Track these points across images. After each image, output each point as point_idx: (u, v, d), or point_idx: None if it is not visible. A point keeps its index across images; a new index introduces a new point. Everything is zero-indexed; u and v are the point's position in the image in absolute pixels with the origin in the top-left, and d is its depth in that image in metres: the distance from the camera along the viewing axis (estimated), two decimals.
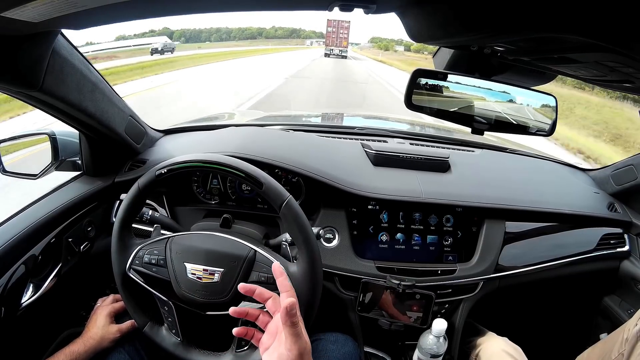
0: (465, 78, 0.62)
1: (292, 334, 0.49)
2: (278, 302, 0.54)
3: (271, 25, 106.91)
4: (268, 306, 0.55)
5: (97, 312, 0.81)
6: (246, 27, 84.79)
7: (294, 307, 0.49)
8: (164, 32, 42.25)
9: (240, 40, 57.33)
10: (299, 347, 0.49)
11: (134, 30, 52.64)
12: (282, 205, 0.65)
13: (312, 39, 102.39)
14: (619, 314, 1.11)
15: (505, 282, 0.98)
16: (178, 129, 1.16)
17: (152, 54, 17.39)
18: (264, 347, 0.53)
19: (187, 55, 19.07)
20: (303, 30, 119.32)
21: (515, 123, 0.66)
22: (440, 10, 0.45)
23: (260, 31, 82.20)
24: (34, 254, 0.75)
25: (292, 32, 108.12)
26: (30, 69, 0.58)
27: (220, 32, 68.02)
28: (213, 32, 66.43)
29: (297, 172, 0.92)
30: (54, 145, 0.87)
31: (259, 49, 36.93)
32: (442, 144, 1.21)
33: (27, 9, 0.41)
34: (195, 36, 59.90)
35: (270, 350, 0.52)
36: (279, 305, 0.54)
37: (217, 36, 65.12)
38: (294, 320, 0.49)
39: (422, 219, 0.97)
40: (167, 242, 0.70)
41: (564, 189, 1.12)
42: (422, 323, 0.91)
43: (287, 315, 0.49)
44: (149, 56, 16.58)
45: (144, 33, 41.74)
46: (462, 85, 0.62)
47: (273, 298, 0.55)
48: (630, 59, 0.37)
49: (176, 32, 53.10)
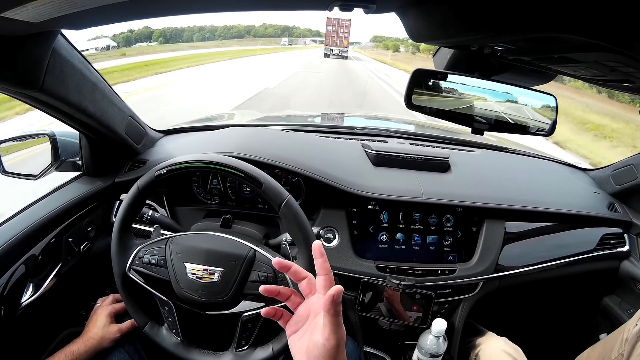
0: (466, 78, 0.62)
1: (333, 323, 0.45)
2: (313, 283, 0.50)
3: (262, 22, 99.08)
4: (302, 287, 0.51)
5: (97, 312, 0.81)
6: (232, 25, 77.54)
7: (340, 294, 0.45)
8: (144, 32, 39.93)
9: (225, 40, 52.19)
10: (337, 337, 0.46)
11: (112, 31, 47.33)
12: (281, 204, 0.65)
13: (307, 37, 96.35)
14: (619, 314, 1.11)
15: (505, 282, 0.98)
16: (178, 129, 1.17)
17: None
18: (292, 330, 0.50)
19: (143, 61, 14.42)
20: (297, 28, 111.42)
21: (515, 123, 0.66)
22: (440, 10, 0.45)
23: (248, 29, 75.68)
24: (34, 254, 0.75)
25: (284, 30, 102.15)
26: (30, 69, 0.58)
27: (204, 30, 62.72)
28: (196, 30, 61.02)
29: (297, 172, 0.92)
30: (54, 146, 0.87)
31: (245, 49, 32.77)
32: (442, 144, 1.21)
33: (27, 9, 0.41)
34: (177, 35, 55.08)
35: (299, 334, 0.49)
36: (313, 286, 0.50)
37: (199, 35, 60.23)
38: (338, 309, 0.45)
39: (422, 219, 0.97)
40: (167, 242, 0.70)
41: (564, 189, 1.12)
42: (421, 323, 0.91)
43: (331, 304, 0.45)
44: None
45: (122, 33, 39.19)
46: (462, 85, 0.62)
47: (308, 279, 0.51)
48: (631, 59, 0.37)
49: (156, 32, 48.11)
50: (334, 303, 0.45)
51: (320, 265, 0.49)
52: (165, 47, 30.03)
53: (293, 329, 0.50)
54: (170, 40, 49.51)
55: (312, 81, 11.23)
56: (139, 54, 20.36)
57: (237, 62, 17.74)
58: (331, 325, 0.45)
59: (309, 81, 11.14)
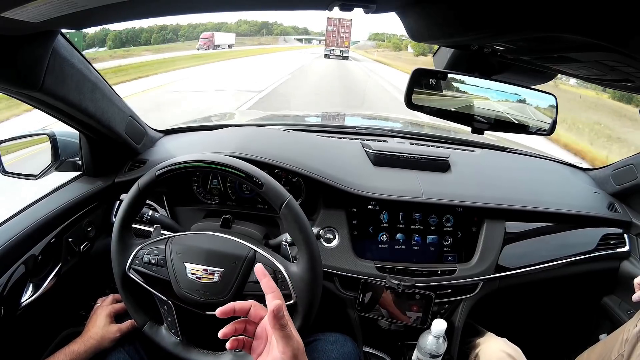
0: (466, 77, 0.62)
1: (282, 337, 0.48)
2: (258, 307, 0.53)
3: (237, 19, 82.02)
4: (250, 316, 0.53)
5: (97, 312, 0.81)
6: (199, 23, 62.46)
7: (280, 309, 0.47)
8: (98, 35, 36.21)
9: (189, 41, 43.14)
10: (291, 348, 0.48)
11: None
12: (282, 205, 0.65)
13: (291, 35, 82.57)
14: (619, 314, 1.10)
15: (505, 283, 0.98)
16: (178, 129, 1.17)
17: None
18: (257, 354, 0.52)
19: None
20: (278, 25, 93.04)
21: (516, 122, 0.66)
22: (440, 10, 0.45)
23: (218, 27, 61.83)
24: (33, 254, 0.75)
25: (262, 27, 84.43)
26: (30, 69, 0.58)
27: (165, 30, 52.88)
28: (156, 30, 50.74)
29: (297, 172, 0.92)
30: (54, 146, 0.87)
31: (212, 53, 25.32)
32: (442, 144, 1.21)
33: (27, 9, 0.41)
34: (135, 37, 45.67)
35: (263, 356, 0.51)
36: (260, 309, 0.53)
37: (158, 36, 50.11)
38: (282, 322, 0.48)
39: (422, 219, 0.97)
40: (167, 242, 0.70)
41: (564, 189, 1.12)
42: (421, 323, 0.91)
43: (274, 319, 0.47)
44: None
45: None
46: (462, 85, 0.62)
47: (253, 306, 0.54)
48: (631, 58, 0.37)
49: (111, 34, 39.97)
50: (276, 318, 0.47)
51: (266, 285, 0.53)
52: (116, 52, 24.31)
53: (257, 352, 0.52)
54: (126, 44, 42.07)
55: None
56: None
57: (199, 71, 13.13)
58: (282, 339, 0.48)
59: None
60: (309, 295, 0.66)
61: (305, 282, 0.65)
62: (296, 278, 0.66)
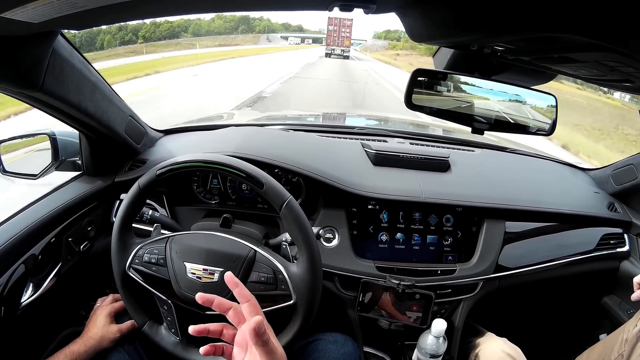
0: (466, 78, 0.62)
1: (265, 352, 0.46)
2: (240, 312, 0.50)
3: (212, 15, 65.85)
4: (230, 318, 0.51)
5: (97, 312, 0.81)
6: (164, 20, 49.97)
7: (261, 326, 0.45)
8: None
9: (150, 43, 37.95)
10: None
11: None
12: (282, 205, 0.65)
13: (277, 33, 69.37)
14: (619, 314, 1.10)
15: (505, 282, 0.98)
16: (178, 129, 1.17)
17: None
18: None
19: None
20: (260, 20, 74.58)
21: (516, 122, 0.66)
22: (440, 10, 0.45)
23: (186, 25, 54.06)
24: (33, 254, 0.75)
25: (240, 23, 66.91)
26: (30, 70, 0.58)
27: (125, 30, 44.27)
28: (113, 32, 42.93)
29: (297, 172, 0.92)
30: (54, 146, 0.87)
31: (180, 55, 20.91)
32: (442, 144, 1.21)
33: (27, 9, 0.41)
34: (90, 41, 37.20)
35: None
36: (240, 315, 0.51)
37: (114, 38, 42.70)
38: (264, 339, 0.45)
39: (422, 218, 0.97)
40: (167, 241, 0.70)
41: (564, 189, 1.12)
42: (421, 323, 0.91)
43: (256, 337, 0.44)
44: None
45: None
46: (462, 85, 0.62)
47: (234, 309, 0.51)
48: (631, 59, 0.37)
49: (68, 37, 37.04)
50: (258, 335, 0.45)
51: (239, 294, 0.50)
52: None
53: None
54: (81, 49, 36.20)
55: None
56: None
57: (161, 78, 10.33)
58: (264, 355, 0.46)
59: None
60: (309, 295, 0.66)
61: (305, 282, 0.65)
62: (296, 278, 0.66)
